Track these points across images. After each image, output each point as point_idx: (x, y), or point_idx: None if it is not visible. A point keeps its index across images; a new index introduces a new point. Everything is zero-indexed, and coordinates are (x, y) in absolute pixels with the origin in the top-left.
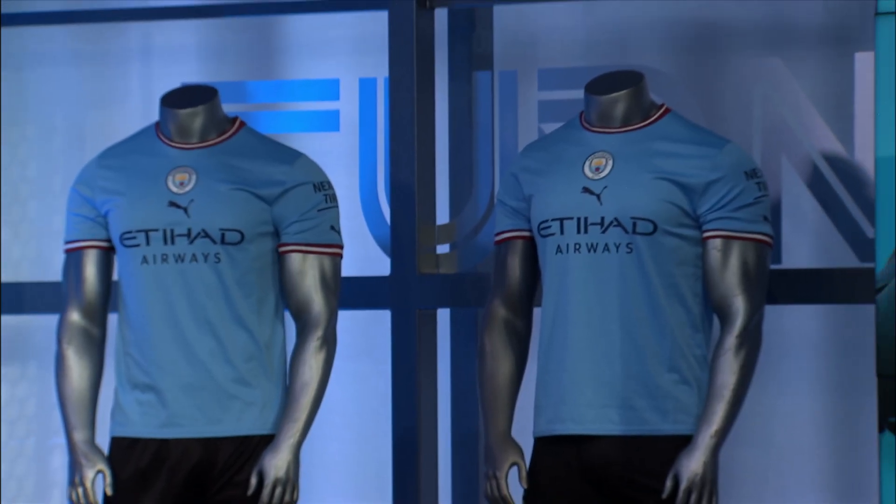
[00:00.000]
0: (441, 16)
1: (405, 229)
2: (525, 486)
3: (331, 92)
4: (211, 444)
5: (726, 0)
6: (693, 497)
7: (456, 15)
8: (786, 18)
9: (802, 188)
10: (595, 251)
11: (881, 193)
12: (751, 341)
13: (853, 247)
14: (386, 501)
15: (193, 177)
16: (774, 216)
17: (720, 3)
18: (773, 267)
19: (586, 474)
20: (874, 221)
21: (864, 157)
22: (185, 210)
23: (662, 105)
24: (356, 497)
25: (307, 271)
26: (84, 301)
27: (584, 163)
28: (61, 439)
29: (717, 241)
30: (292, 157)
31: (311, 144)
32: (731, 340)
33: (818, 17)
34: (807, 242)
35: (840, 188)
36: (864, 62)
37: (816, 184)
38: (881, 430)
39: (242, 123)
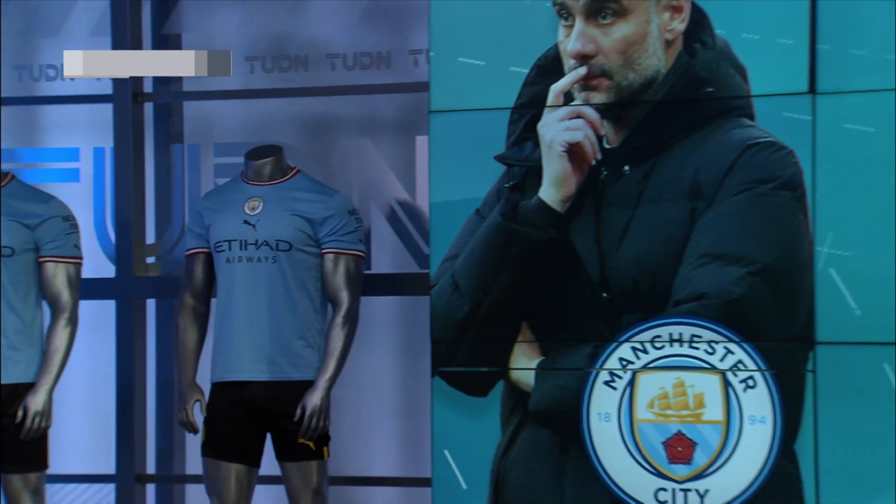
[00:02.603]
0: (149, 107)
1: (125, 247)
2: (205, 415)
3: (74, 156)
4: None
5: (335, 101)
6: (314, 420)
7: (159, 106)
8: (372, 113)
9: (384, 222)
10: (252, 262)
11: (434, 226)
12: (352, 320)
13: (416, 259)
14: (111, 429)
15: None
16: (367, 239)
17: (331, 104)
18: (366, 272)
19: (246, 406)
20: (429, 243)
21: (423, 202)
22: None
23: (295, 167)
24: (93, 426)
25: (58, 274)
26: None
27: (244, 204)
28: None
29: (331, 255)
30: (47, 198)
31: (61, 191)
32: (340, 319)
33: (393, 112)
34: (387, 256)
35: (408, 222)
36: (422, 142)
37: (393, 219)
38: (433, 376)
39: (13, 176)
